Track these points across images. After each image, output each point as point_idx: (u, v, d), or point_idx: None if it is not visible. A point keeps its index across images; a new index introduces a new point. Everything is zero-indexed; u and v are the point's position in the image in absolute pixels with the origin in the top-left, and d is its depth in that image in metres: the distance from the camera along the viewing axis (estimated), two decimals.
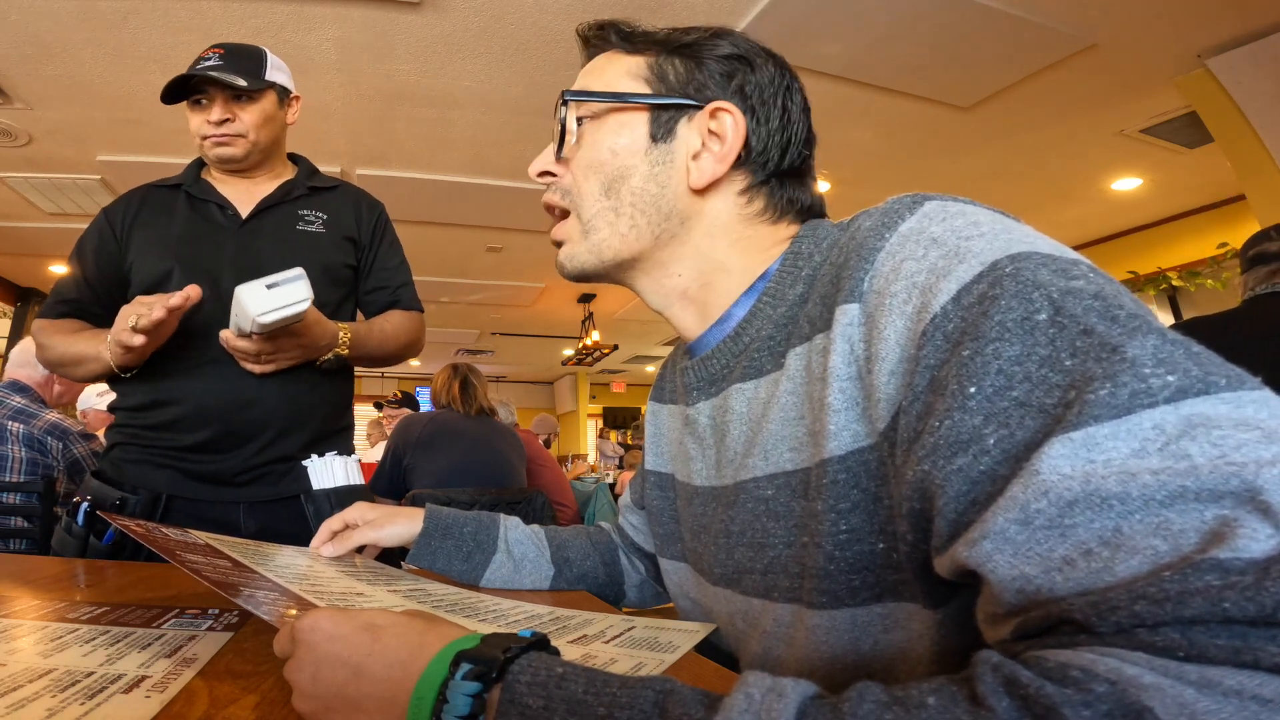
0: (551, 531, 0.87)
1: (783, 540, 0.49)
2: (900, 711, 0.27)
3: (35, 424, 2.07)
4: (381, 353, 1.23)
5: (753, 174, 0.57)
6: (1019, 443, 0.32)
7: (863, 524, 0.44)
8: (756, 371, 0.54)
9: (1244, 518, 0.26)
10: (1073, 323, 0.33)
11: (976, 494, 0.33)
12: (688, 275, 0.59)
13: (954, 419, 0.34)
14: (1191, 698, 0.23)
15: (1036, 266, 0.36)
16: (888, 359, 0.40)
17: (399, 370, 9.47)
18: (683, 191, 0.56)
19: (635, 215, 0.57)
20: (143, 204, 1.19)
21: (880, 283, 0.43)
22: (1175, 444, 0.29)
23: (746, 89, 0.57)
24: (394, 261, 1.30)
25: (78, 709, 0.37)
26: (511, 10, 2.33)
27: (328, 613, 0.40)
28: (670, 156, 0.56)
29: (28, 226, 4.11)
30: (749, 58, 0.58)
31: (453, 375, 2.57)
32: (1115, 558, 0.28)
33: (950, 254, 0.40)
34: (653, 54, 0.58)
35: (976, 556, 0.31)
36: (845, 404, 0.44)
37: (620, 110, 0.57)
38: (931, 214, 0.44)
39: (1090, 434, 0.30)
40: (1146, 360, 0.31)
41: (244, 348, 1.03)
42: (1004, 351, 0.34)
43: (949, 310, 0.37)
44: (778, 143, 0.57)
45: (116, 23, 2.31)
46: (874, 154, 3.42)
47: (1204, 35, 2.51)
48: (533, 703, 0.32)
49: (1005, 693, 0.25)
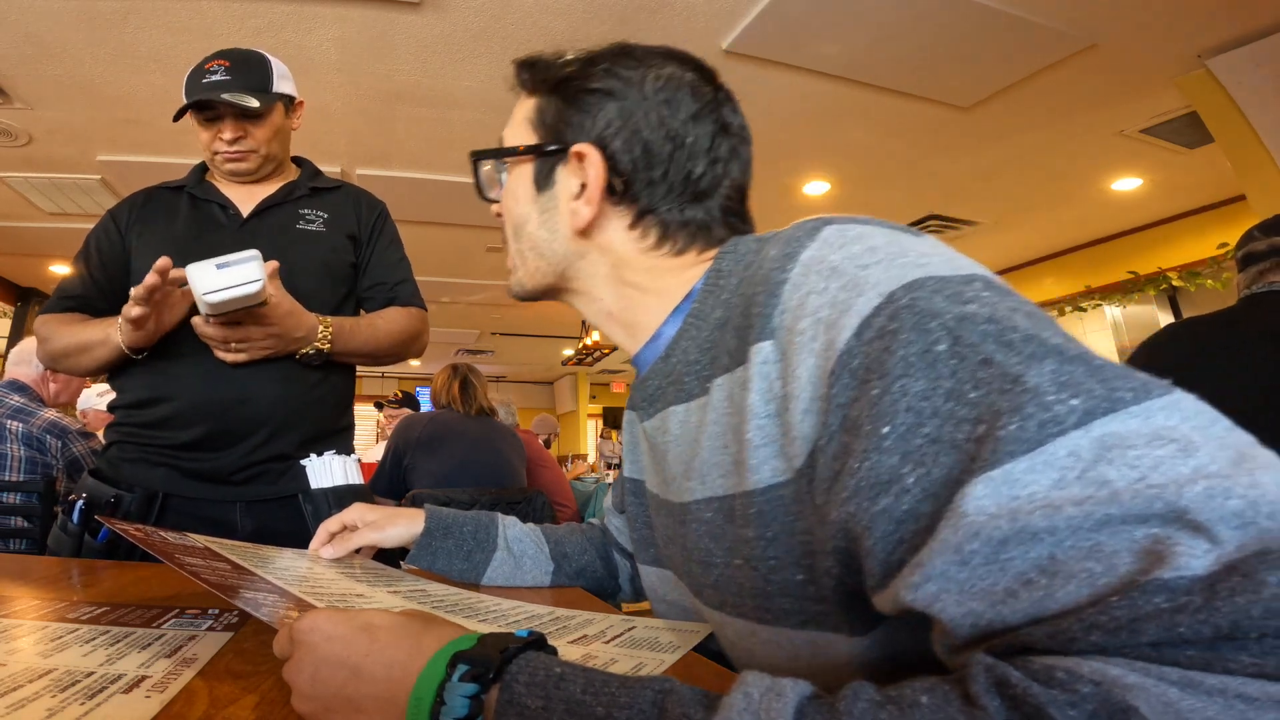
0: (548, 529, 0.88)
1: (723, 560, 0.50)
2: (894, 710, 0.27)
3: (34, 422, 2.07)
4: (372, 349, 1.21)
5: (634, 207, 0.56)
6: (937, 480, 0.33)
7: (784, 554, 0.44)
8: (687, 395, 0.54)
9: (1176, 536, 0.26)
10: (972, 352, 0.34)
11: (902, 533, 0.33)
12: (609, 299, 0.60)
13: (872, 460, 0.35)
14: (1175, 696, 0.23)
15: (931, 294, 0.37)
16: (801, 398, 0.41)
17: (399, 370, 9.47)
18: (570, 235, 0.58)
19: (536, 259, 0.60)
20: (146, 204, 1.21)
21: (789, 318, 0.43)
22: (1093, 470, 0.29)
23: (612, 124, 0.55)
24: (393, 258, 1.30)
25: (78, 709, 0.37)
26: (511, 10, 2.33)
27: (326, 613, 0.40)
28: (554, 202, 0.58)
29: (28, 226, 4.10)
30: (611, 90, 0.55)
31: (453, 375, 2.58)
32: (1054, 584, 0.28)
33: (849, 285, 0.40)
34: (540, 95, 0.59)
35: (924, 600, 0.31)
36: (764, 440, 0.44)
37: (515, 160, 0.60)
38: (830, 240, 0.44)
39: (1008, 471, 0.30)
40: (1048, 387, 0.31)
41: (210, 334, 1.03)
42: (910, 388, 0.34)
43: (853, 347, 0.38)
44: (653, 172, 0.55)
45: (116, 23, 2.31)
46: (874, 154, 3.42)
47: (1204, 35, 2.51)
48: (531, 703, 0.32)
49: (997, 693, 0.26)
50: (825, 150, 3.37)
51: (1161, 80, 2.78)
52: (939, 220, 4.29)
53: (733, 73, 2.90)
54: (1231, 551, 0.26)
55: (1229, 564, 0.26)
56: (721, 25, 2.42)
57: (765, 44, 2.51)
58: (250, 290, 0.93)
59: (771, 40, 2.48)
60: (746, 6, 2.33)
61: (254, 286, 0.93)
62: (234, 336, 1.04)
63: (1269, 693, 0.23)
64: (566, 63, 0.58)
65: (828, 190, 3.82)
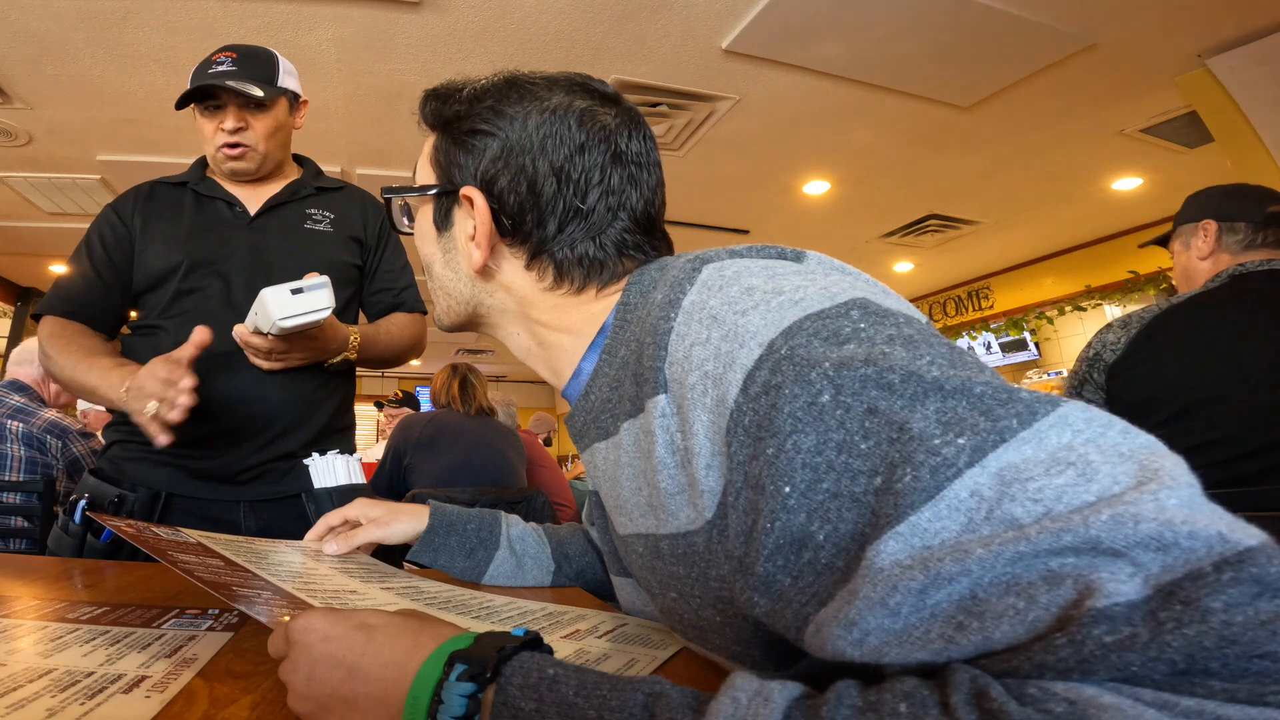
0: (549, 528, 0.88)
1: (660, 592, 0.51)
2: (874, 718, 0.27)
3: (34, 422, 2.07)
4: (387, 355, 1.25)
5: (526, 247, 0.55)
6: (845, 535, 0.33)
7: (701, 595, 0.45)
8: (605, 433, 0.53)
9: (1095, 563, 0.26)
10: (855, 400, 0.33)
11: (818, 586, 0.33)
12: (523, 336, 0.59)
13: (782, 520, 0.34)
14: (1153, 717, 0.23)
15: (809, 339, 0.37)
16: (701, 453, 0.41)
17: (399, 370, 9.46)
18: (470, 275, 0.57)
19: (445, 298, 0.60)
20: (150, 197, 1.20)
21: (678, 371, 0.43)
22: (998, 509, 0.28)
23: (495, 164, 0.54)
24: (398, 264, 1.32)
25: (78, 709, 0.37)
26: (511, 10, 2.33)
27: (322, 613, 0.40)
28: (453, 243, 0.58)
29: (28, 226, 4.10)
30: (491, 130, 0.54)
31: (452, 375, 2.58)
32: (985, 624, 0.27)
33: (730, 336, 0.40)
34: (437, 135, 0.58)
35: (871, 655, 0.31)
36: (675, 489, 0.44)
37: (417, 201, 0.61)
38: (709, 283, 0.44)
39: (913, 524, 0.30)
40: (933, 431, 0.31)
41: (257, 344, 1.03)
42: (802, 444, 0.34)
43: (741, 404, 0.37)
44: (540, 211, 0.53)
45: (116, 23, 2.31)
46: (874, 154, 3.41)
47: (1204, 35, 2.51)
48: (525, 705, 0.32)
49: (975, 706, 0.25)
50: (825, 150, 3.37)
51: (1161, 80, 2.78)
52: (939, 220, 4.29)
53: (733, 73, 2.87)
54: (1158, 573, 0.25)
55: (1162, 587, 0.25)
56: (721, 25, 2.42)
57: (765, 44, 2.50)
58: (321, 317, 0.96)
59: (771, 40, 2.48)
60: (746, 6, 2.32)
61: (325, 313, 0.96)
62: (280, 348, 1.05)
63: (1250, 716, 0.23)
64: (457, 101, 0.56)
65: (828, 190, 3.82)
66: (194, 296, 1.12)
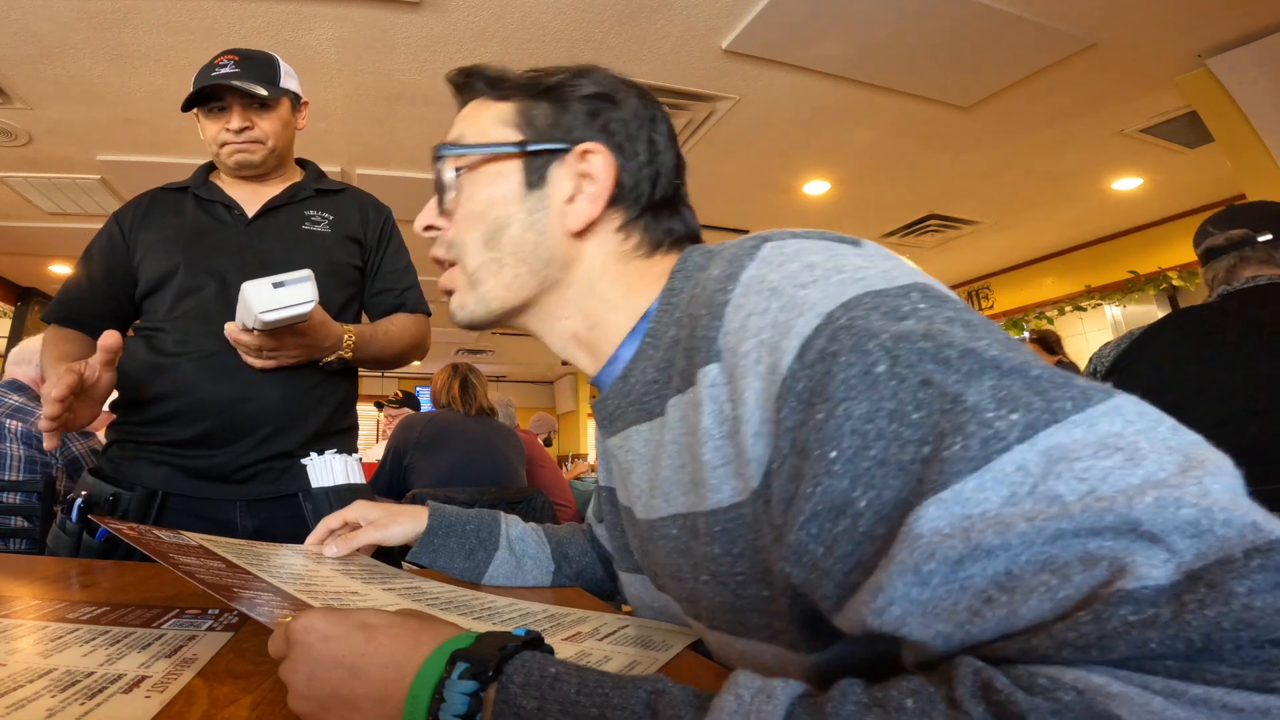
0: (549, 529, 0.88)
1: (691, 575, 0.50)
2: (880, 713, 0.27)
3: (33, 421, 2.07)
4: (386, 355, 1.24)
5: (627, 210, 0.57)
6: (887, 502, 0.33)
7: (749, 570, 0.45)
8: (648, 414, 0.54)
9: (1132, 547, 0.26)
10: (910, 372, 0.34)
11: (860, 555, 0.34)
12: (575, 318, 0.59)
13: (824, 484, 0.35)
14: (1160, 705, 0.23)
15: (868, 312, 0.37)
16: (751, 421, 0.41)
17: (399, 370, 9.44)
18: (561, 236, 0.56)
19: (516, 264, 0.57)
20: (151, 205, 1.21)
21: (732, 340, 0.43)
22: (1043, 485, 0.29)
23: (611, 126, 0.56)
24: (400, 264, 1.32)
25: (78, 709, 0.37)
26: (511, 10, 2.33)
27: (322, 613, 0.40)
28: (545, 202, 0.56)
29: (28, 226, 4.10)
30: (611, 94, 0.57)
31: (453, 375, 2.58)
32: (1014, 599, 0.28)
33: (788, 306, 0.40)
34: (519, 99, 0.58)
35: (891, 623, 0.31)
36: (721, 461, 0.44)
37: (494, 160, 0.57)
38: (769, 259, 0.44)
39: (957, 491, 0.30)
40: (987, 404, 0.31)
41: (247, 342, 1.04)
42: (853, 410, 0.34)
43: (796, 370, 0.38)
44: (647, 176, 0.57)
45: (116, 23, 2.30)
46: (874, 154, 3.41)
47: (1204, 35, 2.51)
48: (527, 704, 0.32)
49: (981, 698, 0.26)
50: (825, 150, 3.37)
51: (1161, 80, 2.78)
52: (939, 220, 4.29)
53: (733, 73, 2.89)
54: (1191, 560, 0.26)
55: (1192, 573, 0.25)
56: (721, 25, 2.42)
57: (765, 44, 2.50)
58: (304, 310, 0.96)
59: (771, 40, 2.48)
60: (746, 6, 2.32)
61: (307, 306, 0.95)
62: (269, 345, 1.05)
63: (1255, 703, 0.23)
64: (552, 71, 0.58)
65: (828, 190, 3.82)
66: (193, 298, 1.13)
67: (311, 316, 1.03)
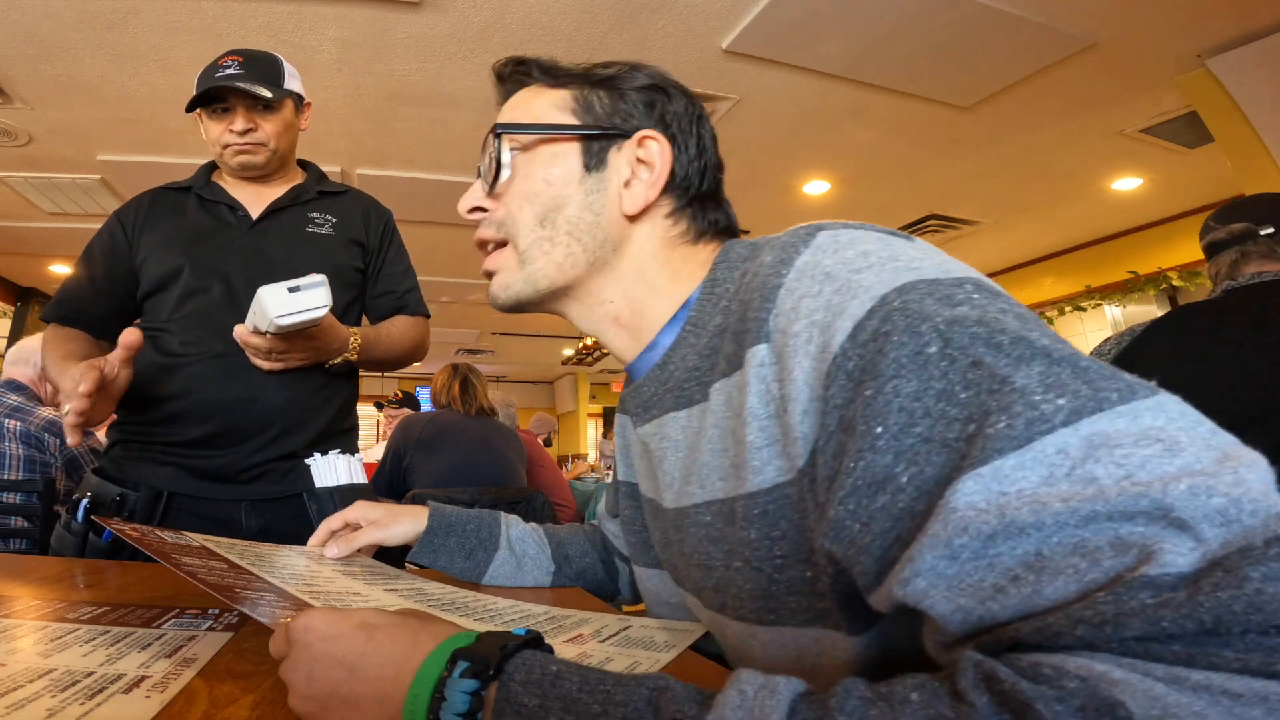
0: (549, 529, 0.88)
1: (723, 563, 0.51)
2: (885, 707, 0.27)
3: (32, 420, 2.07)
4: (388, 357, 1.25)
5: (677, 198, 0.59)
6: (930, 478, 0.34)
7: (792, 551, 0.45)
8: (687, 401, 0.55)
9: (1162, 534, 0.27)
10: (961, 354, 0.34)
11: (899, 530, 0.34)
12: (619, 301, 0.60)
13: (867, 460, 0.36)
14: (1162, 691, 0.23)
15: (922, 297, 0.38)
16: (799, 399, 0.41)
17: (399, 370, 9.46)
18: (616, 218, 0.58)
19: (571, 243, 0.58)
20: (153, 205, 1.21)
21: (783, 321, 0.44)
22: (1081, 468, 0.29)
23: (667, 118, 0.59)
24: (400, 267, 1.32)
25: (78, 709, 0.37)
26: (512, 10, 2.33)
27: (322, 612, 0.40)
28: (603, 185, 0.58)
29: (28, 226, 4.10)
30: (665, 88, 0.60)
31: (453, 375, 2.58)
32: (1041, 579, 0.28)
33: (843, 289, 0.41)
34: (575, 87, 0.60)
35: (914, 595, 0.32)
36: (766, 441, 0.45)
37: (552, 142, 0.58)
38: (824, 246, 0.45)
39: (997, 468, 0.31)
40: (1035, 388, 0.32)
41: (257, 344, 1.04)
42: (902, 389, 0.35)
43: (847, 349, 0.38)
44: (696, 169, 0.59)
45: (116, 23, 2.31)
46: (874, 154, 3.41)
47: (1204, 35, 2.51)
48: (528, 701, 0.32)
49: (985, 688, 0.26)
50: (825, 150, 3.37)
51: (1161, 80, 2.78)
52: (939, 220, 4.29)
53: (733, 73, 2.90)
54: (1216, 549, 0.26)
55: (1213, 560, 0.26)
56: (721, 25, 2.42)
57: (765, 44, 2.51)
58: (319, 315, 0.96)
59: (771, 40, 2.48)
60: (746, 6, 2.32)
61: (322, 311, 0.96)
62: (279, 348, 1.05)
63: (1254, 689, 0.23)
64: (605, 64, 0.61)
65: (828, 190, 3.82)
66: (198, 299, 1.13)
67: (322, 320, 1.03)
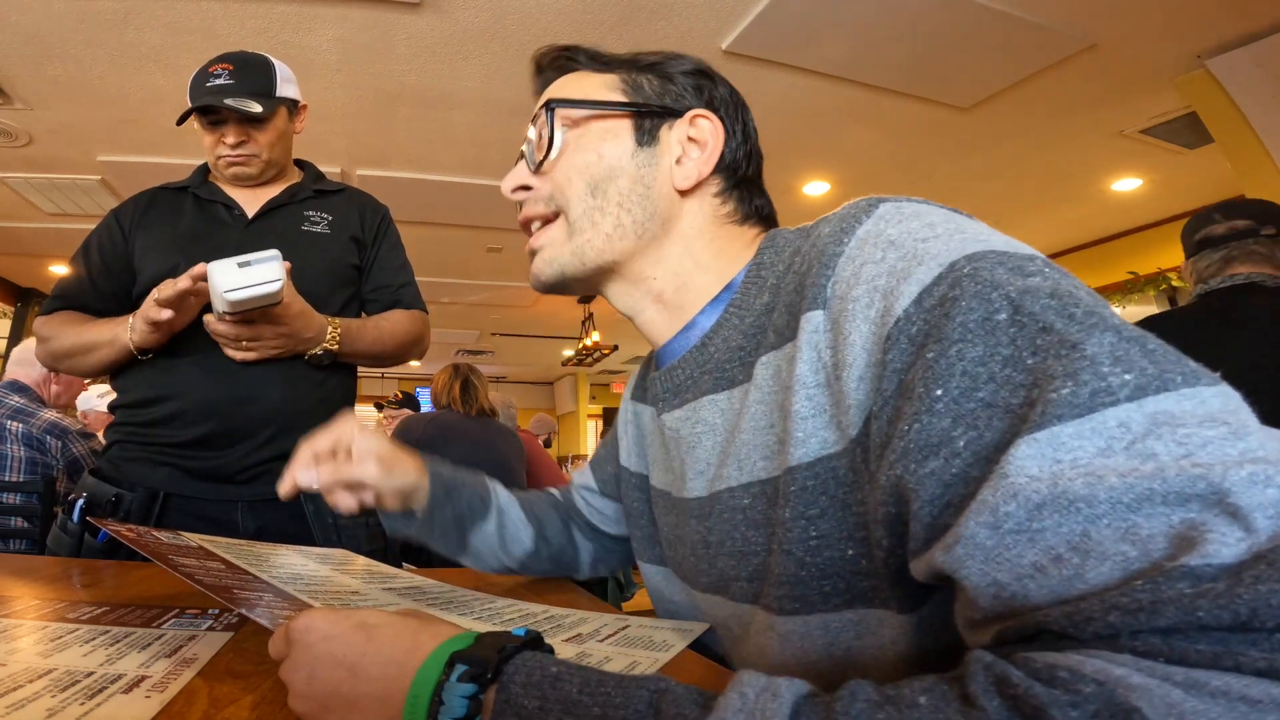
0: (528, 504, 0.83)
1: (764, 548, 0.50)
2: (892, 711, 0.27)
3: (34, 422, 2.07)
4: (378, 350, 1.22)
5: (725, 179, 0.60)
6: (988, 444, 0.32)
7: (832, 530, 0.44)
8: (728, 382, 0.54)
9: (1213, 521, 0.26)
10: (1032, 321, 0.33)
11: (950, 496, 0.33)
12: (663, 278, 0.59)
13: (923, 422, 0.34)
14: (1179, 698, 0.23)
15: (993, 265, 0.36)
16: (855, 364, 0.40)
17: (399, 371, 9.46)
18: (667, 192, 0.58)
19: (621, 214, 0.58)
20: (150, 204, 1.21)
21: (842, 288, 0.43)
22: (1141, 442, 0.28)
23: (715, 101, 0.60)
24: (395, 262, 1.31)
25: (78, 709, 0.37)
26: (512, 11, 2.33)
27: (322, 613, 0.40)
28: (655, 159, 0.58)
29: (28, 226, 4.10)
30: (710, 74, 0.61)
31: (453, 376, 2.58)
32: (1085, 564, 0.27)
33: (908, 256, 0.40)
34: (622, 71, 0.61)
35: (951, 562, 0.31)
36: (813, 411, 0.44)
37: (604, 118, 0.59)
38: (887, 216, 0.44)
39: (1055, 434, 0.30)
40: (1104, 358, 0.31)
41: (223, 332, 1.04)
42: (967, 353, 0.34)
43: (911, 313, 0.38)
44: (744, 151, 0.61)
45: (116, 23, 2.31)
46: (874, 154, 3.42)
47: (1204, 35, 2.51)
48: (528, 703, 0.32)
49: (996, 692, 0.25)
50: (825, 150, 3.37)
51: (1161, 80, 2.78)
52: None
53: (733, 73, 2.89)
54: (1263, 542, 0.25)
55: (1258, 554, 0.25)
56: (721, 25, 2.42)
57: (765, 44, 2.51)
58: (270, 290, 0.94)
59: (771, 40, 2.48)
60: (746, 6, 2.33)
61: (274, 286, 0.94)
62: (246, 335, 1.04)
63: (1273, 695, 0.23)
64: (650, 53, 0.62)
65: (828, 190, 3.82)
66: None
67: (289, 305, 1.03)
